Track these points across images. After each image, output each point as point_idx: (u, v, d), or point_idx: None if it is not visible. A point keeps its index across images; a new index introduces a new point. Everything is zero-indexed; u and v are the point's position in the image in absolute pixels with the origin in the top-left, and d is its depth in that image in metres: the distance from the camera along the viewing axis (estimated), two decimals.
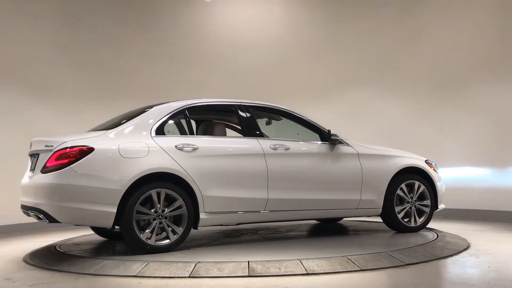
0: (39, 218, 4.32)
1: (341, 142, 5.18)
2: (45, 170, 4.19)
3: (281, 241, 5.05)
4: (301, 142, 5.13)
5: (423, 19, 8.24)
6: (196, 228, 4.57)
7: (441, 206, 5.65)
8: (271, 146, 4.85)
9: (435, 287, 3.34)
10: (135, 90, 8.40)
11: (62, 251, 4.71)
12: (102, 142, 4.28)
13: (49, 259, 4.41)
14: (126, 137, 4.39)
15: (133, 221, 4.18)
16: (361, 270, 3.70)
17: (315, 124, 5.25)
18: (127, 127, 4.48)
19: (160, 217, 4.30)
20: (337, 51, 8.84)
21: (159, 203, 4.29)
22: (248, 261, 3.79)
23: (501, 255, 4.38)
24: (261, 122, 5.63)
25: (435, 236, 5.04)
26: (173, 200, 4.37)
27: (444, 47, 7.95)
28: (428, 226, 5.56)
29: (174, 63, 8.80)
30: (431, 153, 5.98)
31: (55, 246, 5.03)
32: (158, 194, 4.29)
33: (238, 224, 4.85)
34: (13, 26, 7.44)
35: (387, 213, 5.30)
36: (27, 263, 4.43)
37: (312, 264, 3.74)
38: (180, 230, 4.37)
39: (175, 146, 4.46)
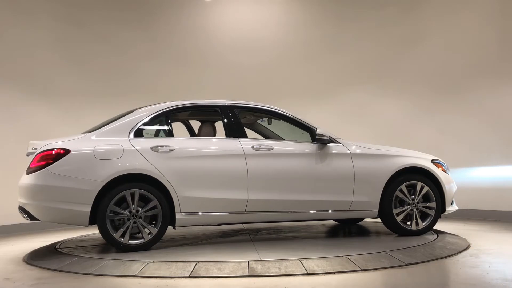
0: (23, 217, 4.55)
1: (332, 141, 5.04)
2: (28, 171, 4.46)
3: (281, 241, 5.05)
4: (287, 142, 5.07)
5: (423, 20, 8.24)
6: (174, 228, 4.66)
7: (451, 208, 5.33)
8: (253, 147, 4.81)
9: (435, 287, 3.34)
10: (135, 90, 8.40)
11: (62, 251, 4.72)
12: (80, 144, 4.47)
13: (49, 259, 4.41)
14: (105, 139, 4.54)
15: (107, 221, 4.35)
16: (361, 270, 3.71)
17: (305, 123, 5.12)
18: (108, 129, 4.64)
19: (135, 217, 4.40)
20: (337, 52, 8.84)
21: (133, 203, 4.41)
22: (248, 261, 3.80)
23: (501, 255, 4.38)
24: (264, 123, 5.65)
25: (435, 236, 5.03)
26: (149, 200, 4.47)
27: (444, 47, 7.95)
28: None
29: (174, 63, 8.80)
30: (431, 153, 5.95)
31: (55, 246, 5.04)
32: (132, 195, 4.41)
33: (219, 224, 4.84)
34: (13, 26, 7.44)
35: (385, 215, 5.09)
36: (27, 263, 4.44)
37: (312, 264, 3.74)
38: (154, 230, 4.48)
39: (151, 148, 4.55)
